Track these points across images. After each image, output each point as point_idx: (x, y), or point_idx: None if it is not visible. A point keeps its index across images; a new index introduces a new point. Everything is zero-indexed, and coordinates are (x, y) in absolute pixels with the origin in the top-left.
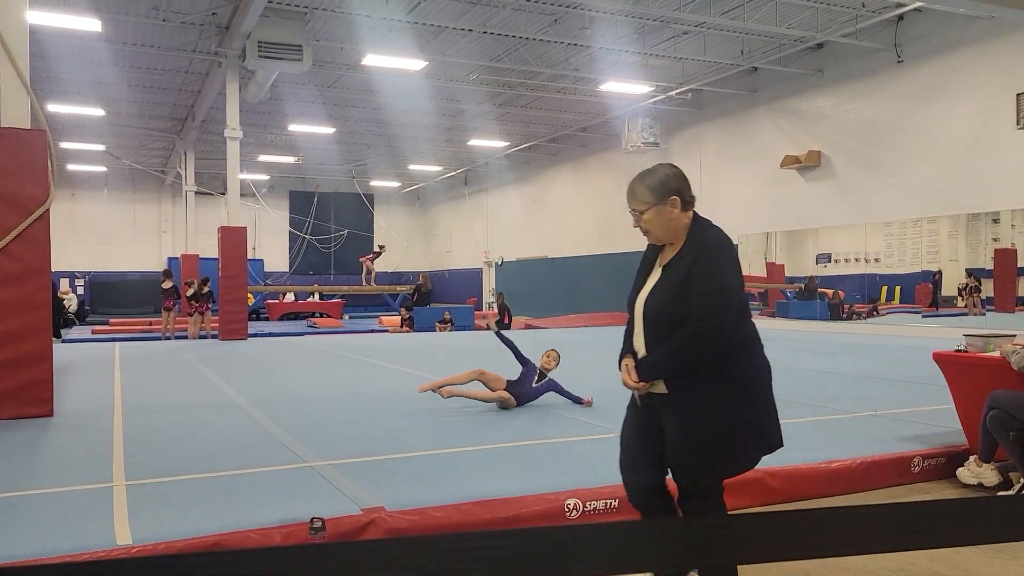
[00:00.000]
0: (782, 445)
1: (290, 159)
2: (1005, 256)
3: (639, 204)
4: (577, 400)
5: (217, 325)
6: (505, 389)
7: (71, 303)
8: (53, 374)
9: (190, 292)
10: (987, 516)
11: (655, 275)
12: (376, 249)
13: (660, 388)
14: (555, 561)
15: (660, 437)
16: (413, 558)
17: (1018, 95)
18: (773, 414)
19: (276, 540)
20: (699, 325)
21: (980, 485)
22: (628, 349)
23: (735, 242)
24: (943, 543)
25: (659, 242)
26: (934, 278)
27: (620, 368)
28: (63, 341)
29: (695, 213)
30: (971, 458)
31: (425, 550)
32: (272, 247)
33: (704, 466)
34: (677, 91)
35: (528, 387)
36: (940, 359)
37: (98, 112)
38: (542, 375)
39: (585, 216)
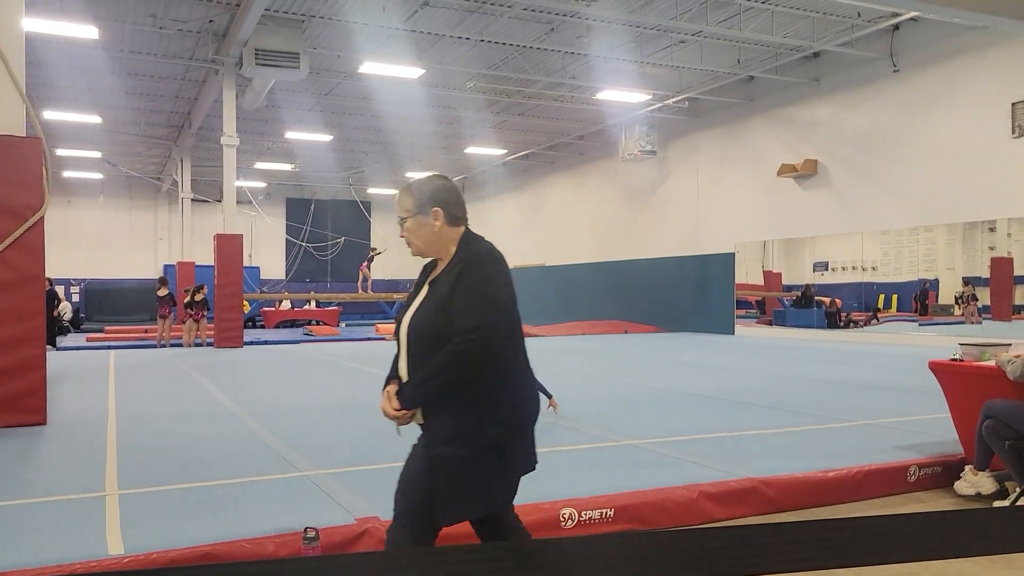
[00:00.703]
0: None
1: (287, 166)
2: (1001, 265)
3: (402, 211)
4: (546, 393)
5: (213, 333)
6: None
7: (66, 311)
8: (47, 382)
9: (187, 299)
10: (984, 528)
11: (423, 293)
12: (370, 253)
13: (422, 418)
14: (551, 573)
15: None
16: (407, 570)
17: (1013, 104)
18: (533, 448)
19: (270, 550)
20: (462, 341)
21: (978, 494)
22: (393, 375)
23: (732, 250)
24: (940, 555)
25: (422, 255)
26: (924, 286)
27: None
28: (58, 349)
29: (468, 230)
30: (967, 468)
31: (419, 562)
32: (268, 254)
33: (445, 505)
34: (674, 99)
35: None
36: (936, 368)
37: (94, 119)
38: None
39: (582, 224)
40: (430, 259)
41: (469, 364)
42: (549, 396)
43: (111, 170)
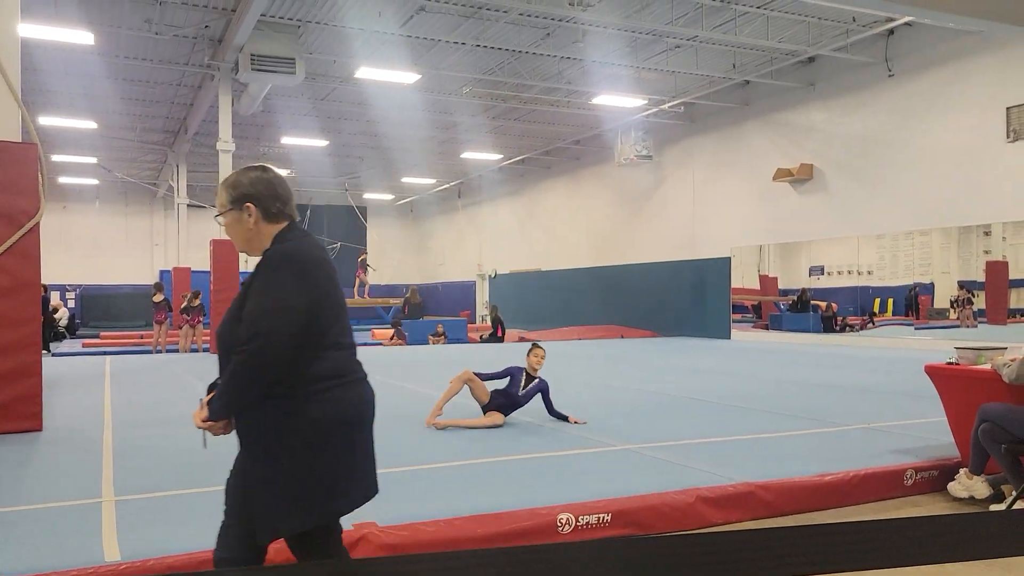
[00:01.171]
0: (375, 493)
1: (283, 172)
2: (996, 268)
3: (219, 206)
4: (563, 417)
5: (208, 338)
6: (491, 397)
7: (63, 316)
8: (42, 388)
9: (183, 305)
10: (981, 531)
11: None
12: (361, 257)
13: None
14: None
15: None
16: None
17: (1008, 108)
18: (363, 460)
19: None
20: (243, 349)
21: (971, 498)
22: (215, 383)
23: (728, 254)
24: (937, 559)
25: (243, 252)
26: (913, 290)
27: None
28: (52, 355)
29: (288, 226)
30: (961, 471)
31: (416, 569)
32: None
33: (262, 519)
34: (670, 104)
35: (516, 394)
36: (932, 372)
37: (90, 125)
38: (530, 378)
39: (578, 229)
40: (243, 252)
41: (250, 374)
42: (565, 418)
43: (107, 176)
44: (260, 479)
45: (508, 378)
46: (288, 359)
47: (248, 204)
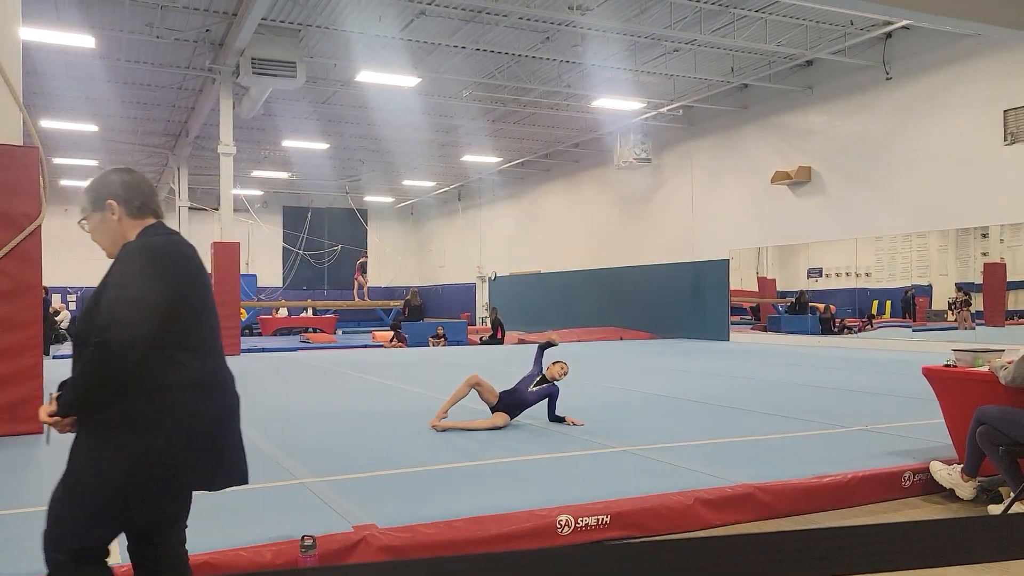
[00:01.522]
0: (242, 480)
1: (284, 175)
2: (994, 270)
3: (81, 212)
4: (561, 420)
5: None
6: (499, 398)
7: (64, 319)
8: (44, 391)
9: None
10: (979, 535)
11: None
12: (360, 260)
13: None
14: None
15: None
16: None
17: (1005, 111)
18: (209, 471)
19: (267, 558)
20: (98, 340)
21: (953, 492)
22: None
23: (727, 256)
24: (935, 562)
25: (112, 257)
26: (908, 292)
27: None
28: (53, 357)
29: (155, 224)
30: (957, 467)
31: (413, 573)
32: (265, 262)
33: (58, 524)
34: (668, 107)
35: (525, 391)
36: (930, 374)
37: (91, 128)
38: (544, 380)
39: (578, 231)
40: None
41: (104, 366)
42: (562, 420)
43: None
44: (85, 481)
45: (533, 366)
46: (144, 352)
47: (110, 201)
